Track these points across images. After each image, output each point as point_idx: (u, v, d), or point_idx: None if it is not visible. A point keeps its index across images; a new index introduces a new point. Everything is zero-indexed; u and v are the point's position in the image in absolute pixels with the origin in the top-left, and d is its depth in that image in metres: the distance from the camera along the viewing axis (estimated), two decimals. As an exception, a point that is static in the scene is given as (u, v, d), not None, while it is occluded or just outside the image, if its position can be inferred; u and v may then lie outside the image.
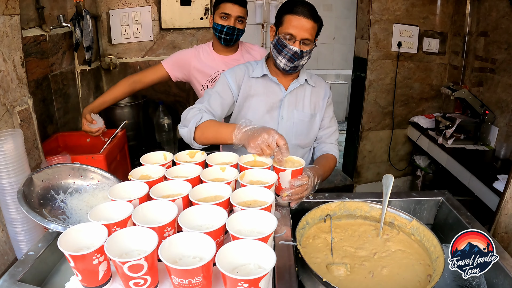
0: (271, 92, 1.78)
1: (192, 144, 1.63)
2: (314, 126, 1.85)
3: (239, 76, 1.77)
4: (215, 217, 1.01)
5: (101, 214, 1.04)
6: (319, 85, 1.88)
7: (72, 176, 1.43)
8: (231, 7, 2.14)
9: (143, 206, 1.06)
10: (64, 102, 2.41)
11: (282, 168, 1.34)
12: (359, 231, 1.38)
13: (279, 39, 1.64)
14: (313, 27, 1.61)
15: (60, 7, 2.38)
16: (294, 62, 1.65)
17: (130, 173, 1.30)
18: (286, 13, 1.62)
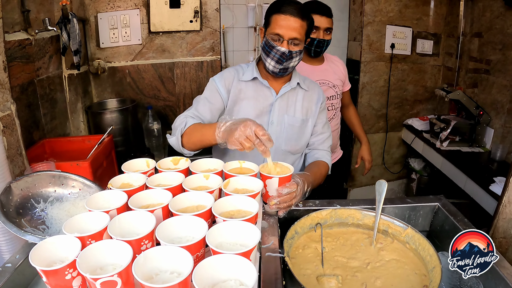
0: (261, 96, 1.71)
1: (182, 152, 1.59)
2: (306, 131, 1.78)
3: (228, 80, 1.72)
4: (196, 228, 0.96)
5: (77, 226, 0.99)
6: (312, 89, 1.82)
7: (53, 185, 1.37)
8: (319, 19, 2.11)
9: (120, 217, 1.00)
10: (51, 107, 2.34)
11: (269, 175, 1.28)
12: (352, 240, 1.32)
13: (266, 40, 1.59)
14: (302, 25, 1.54)
15: (47, 10, 2.32)
16: (283, 63, 1.58)
17: (110, 181, 1.26)
18: (273, 13, 1.56)
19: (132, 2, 2.80)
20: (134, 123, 2.77)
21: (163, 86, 3.00)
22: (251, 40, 4.89)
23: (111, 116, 2.64)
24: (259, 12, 4.66)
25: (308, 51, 2.21)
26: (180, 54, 2.97)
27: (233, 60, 4.88)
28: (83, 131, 2.72)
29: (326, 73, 2.31)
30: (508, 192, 1.73)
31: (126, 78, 2.93)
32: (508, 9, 2.73)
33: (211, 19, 2.95)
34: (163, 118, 3.03)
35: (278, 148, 1.72)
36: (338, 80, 2.37)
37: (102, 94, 2.94)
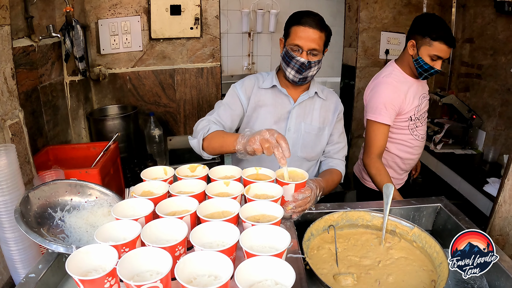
0: (280, 103, 1.79)
1: (201, 154, 1.65)
2: (322, 140, 1.84)
3: (249, 87, 1.79)
4: (226, 233, 1.01)
5: (108, 234, 1.01)
6: (330, 99, 1.88)
7: (69, 193, 1.39)
8: (446, 50, 1.91)
9: (151, 225, 1.04)
10: (54, 114, 2.35)
11: (286, 181, 1.33)
12: (362, 240, 1.39)
13: (287, 51, 1.66)
14: (320, 37, 1.62)
15: (49, 16, 2.34)
16: (303, 73, 1.66)
17: (132, 189, 1.29)
18: (293, 24, 1.64)
19: (133, 8, 2.84)
20: (136, 130, 2.80)
21: (163, 93, 3.04)
22: (246, 45, 4.95)
23: (113, 123, 2.67)
24: (253, 18, 4.73)
25: (419, 75, 2.02)
26: (181, 60, 3.01)
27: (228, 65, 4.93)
28: (84, 138, 2.73)
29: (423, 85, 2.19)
30: (503, 192, 1.82)
31: (127, 85, 2.96)
32: (499, 16, 2.82)
33: (211, 26, 3.00)
34: (164, 124, 3.07)
35: (294, 154, 1.78)
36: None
37: (103, 100, 2.96)
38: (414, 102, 2.06)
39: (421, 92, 2.12)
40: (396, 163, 2.23)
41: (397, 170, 2.26)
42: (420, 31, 1.92)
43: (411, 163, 2.27)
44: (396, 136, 2.14)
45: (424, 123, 2.20)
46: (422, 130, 2.19)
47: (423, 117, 2.17)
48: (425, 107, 2.16)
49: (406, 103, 2.03)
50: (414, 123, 2.13)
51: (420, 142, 2.21)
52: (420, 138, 2.19)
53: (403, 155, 2.20)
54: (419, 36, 1.93)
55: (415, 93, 2.07)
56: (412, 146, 2.19)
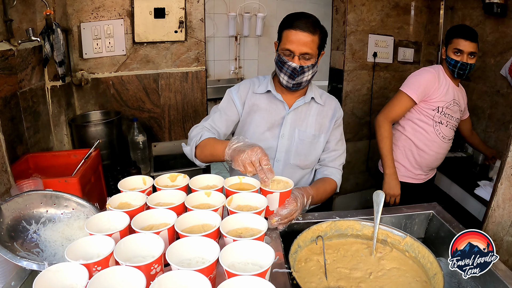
0: (274, 109, 1.73)
1: (195, 162, 1.62)
2: (317, 147, 1.78)
3: (244, 92, 1.74)
4: (206, 249, 0.94)
5: (80, 252, 0.95)
6: (329, 104, 1.81)
7: (45, 204, 1.31)
8: (464, 43, 2.23)
9: (125, 241, 0.97)
10: (34, 120, 2.28)
11: (270, 190, 1.27)
12: (352, 250, 1.33)
13: (279, 56, 1.61)
14: (313, 40, 1.55)
15: (30, 20, 2.27)
16: (295, 78, 1.60)
17: (108, 201, 1.22)
18: (284, 28, 1.58)
19: (116, 12, 2.76)
20: (119, 136, 2.73)
21: (147, 98, 2.96)
22: (232, 49, 4.91)
23: (96, 129, 2.59)
24: (240, 22, 4.69)
25: (452, 72, 2.34)
26: (165, 65, 2.94)
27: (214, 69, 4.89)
28: (66, 145, 2.65)
29: (461, 94, 2.47)
30: (496, 197, 1.78)
31: (110, 90, 2.88)
32: (487, 18, 2.81)
33: (196, 29, 2.93)
34: (148, 130, 2.99)
35: (287, 162, 1.73)
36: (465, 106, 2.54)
37: (85, 106, 2.88)
38: (447, 97, 2.33)
39: (456, 96, 2.38)
40: (412, 151, 2.45)
41: (411, 160, 2.47)
42: (447, 37, 2.33)
43: (426, 158, 2.43)
44: (419, 123, 2.40)
45: (450, 126, 2.40)
46: (446, 130, 2.39)
47: (451, 120, 2.38)
48: (454, 113, 2.38)
49: (439, 93, 2.31)
50: (440, 118, 2.35)
51: (439, 140, 2.40)
52: (441, 136, 2.39)
53: (419, 144, 2.42)
54: (447, 42, 2.32)
55: (449, 90, 2.34)
56: (430, 139, 2.39)
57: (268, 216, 1.30)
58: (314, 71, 1.64)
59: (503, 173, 1.80)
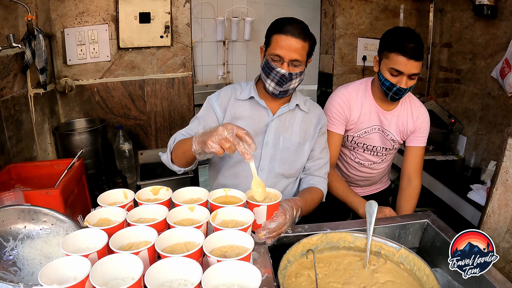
0: (257, 116, 1.66)
1: (172, 168, 1.54)
2: (302, 155, 1.71)
3: (225, 98, 1.67)
4: (188, 271, 0.88)
5: (54, 275, 0.88)
6: (313, 112, 1.75)
7: (23, 220, 1.25)
8: (404, 62, 1.68)
9: (102, 262, 0.90)
10: (17, 129, 2.21)
11: (257, 203, 1.21)
12: (344, 263, 1.27)
13: (267, 61, 1.54)
14: (303, 47, 1.49)
15: (11, 25, 2.21)
16: (283, 85, 1.54)
17: (86, 218, 1.14)
18: (274, 32, 1.51)
19: (100, 17, 2.70)
20: (104, 144, 2.65)
21: (133, 105, 2.89)
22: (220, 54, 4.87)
23: (80, 138, 2.51)
24: (228, 26, 4.65)
25: (385, 94, 1.82)
26: (151, 70, 2.87)
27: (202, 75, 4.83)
28: (50, 154, 2.58)
29: (395, 119, 1.95)
30: (491, 202, 1.75)
31: (95, 97, 2.80)
32: (477, 20, 2.79)
33: (182, 34, 2.87)
34: (134, 138, 2.92)
35: (272, 170, 1.67)
36: (400, 133, 1.99)
37: (70, 113, 2.80)
38: (361, 124, 1.95)
39: (381, 122, 1.95)
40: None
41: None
42: (382, 45, 1.79)
43: (346, 176, 2.17)
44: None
45: (371, 153, 2.04)
46: (364, 157, 2.06)
47: (368, 149, 2.02)
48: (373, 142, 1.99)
49: (352, 118, 1.94)
50: (352, 145, 2.03)
51: (355, 164, 2.09)
52: (357, 162, 2.08)
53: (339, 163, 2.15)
54: (382, 51, 1.78)
55: (370, 115, 1.94)
56: (346, 160, 2.12)
57: (256, 230, 1.24)
58: (301, 79, 1.59)
59: (498, 178, 1.76)
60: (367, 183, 2.18)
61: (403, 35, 1.69)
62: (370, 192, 2.23)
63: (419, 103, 1.99)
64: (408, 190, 1.94)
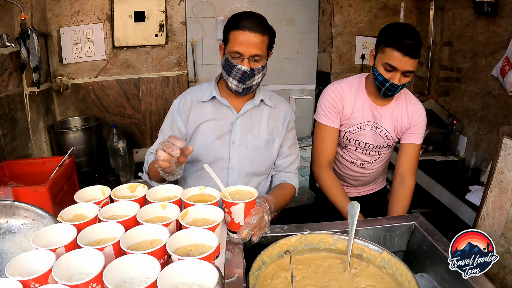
0: (222, 116, 1.62)
1: (154, 185, 1.54)
2: (272, 152, 1.68)
3: (187, 104, 1.64)
4: (150, 267, 0.86)
5: (21, 267, 0.88)
6: (279, 107, 1.71)
7: (5, 215, 1.24)
8: (400, 58, 1.62)
9: (67, 257, 0.90)
10: (11, 127, 2.22)
11: (234, 201, 1.17)
12: (324, 266, 1.23)
13: (226, 59, 1.50)
14: (262, 41, 1.45)
15: (6, 25, 2.22)
16: (246, 82, 1.50)
17: (60, 213, 1.14)
18: (231, 29, 1.47)
19: (95, 16, 2.70)
20: (99, 142, 2.65)
21: (128, 103, 2.88)
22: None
23: (74, 136, 2.52)
24: (229, 25, 4.62)
25: (378, 90, 1.78)
26: (146, 69, 2.87)
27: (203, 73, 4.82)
28: (45, 151, 2.59)
29: (389, 114, 1.90)
30: (486, 205, 1.69)
31: (90, 95, 2.81)
32: (477, 17, 2.73)
33: (177, 33, 2.85)
34: (129, 136, 2.91)
35: (242, 169, 1.63)
36: (394, 129, 1.94)
37: (66, 112, 2.81)
38: (353, 120, 1.90)
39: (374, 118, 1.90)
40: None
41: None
42: (379, 39, 1.74)
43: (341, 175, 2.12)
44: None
45: (363, 151, 1.98)
46: (356, 156, 2.00)
47: (360, 146, 1.96)
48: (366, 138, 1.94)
49: (345, 113, 1.89)
50: (344, 142, 1.98)
51: (347, 163, 2.04)
52: (349, 160, 2.03)
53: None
54: (378, 45, 1.74)
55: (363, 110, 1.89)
56: (339, 159, 2.07)
57: (238, 230, 1.21)
58: (264, 73, 1.55)
59: (492, 179, 1.71)
60: (360, 183, 2.13)
61: (401, 31, 1.64)
62: (364, 193, 2.18)
63: (415, 99, 1.93)
64: (401, 190, 1.87)
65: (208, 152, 1.61)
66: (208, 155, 1.61)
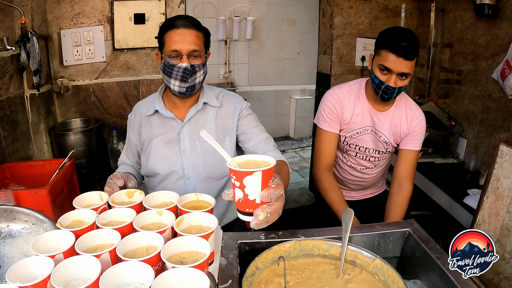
0: (168, 127, 1.63)
1: None
2: (229, 151, 1.58)
3: (137, 119, 1.69)
4: (144, 274, 0.87)
5: (20, 273, 0.90)
6: (227, 103, 1.67)
7: (6, 219, 1.27)
8: (393, 59, 1.63)
9: (65, 263, 0.91)
10: (12, 129, 2.25)
11: (248, 170, 0.89)
12: (318, 271, 1.24)
13: (165, 61, 1.48)
14: (198, 36, 1.47)
15: (7, 28, 2.24)
16: (188, 80, 1.47)
17: (59, 219, 1.16)
18: (165, 31, 1.48)
19: (95, 18, 2.72)
20: (99, 144, 2.68)
21: (128, 105, 2.91)
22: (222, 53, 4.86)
23: (75, 137, 2.55)
24: (230, 25, 4.63)
25: (375, 93, 1.78)
26: (145, 71, 2.89)
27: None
28: (46, 153, 2.61)
29: (388, 120, 1.90)
30: (482, 211, 1.70)
31: (91, 97, 2.83)
32: (478, 20, 2.73)
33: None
34: (130, 138, 2.93)
35: (198, 176, 1.63)
36: (393, 135, 1.93)
37: (67, 113, 2.83)
38: (353, 125, 1.91)
39: (373, 123, 1.91)
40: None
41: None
42: (376, 42, 1.76)
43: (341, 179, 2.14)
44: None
45: (363, 157, 2.00)
46: (356, 161, 2.02)
47: (361, 152, 1.98)
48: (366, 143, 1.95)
49: (344, 118, 1.91)
50: (344, 147, 2.00)
51: (347, 167, 2.06)
52: (349, 165, 2.05)
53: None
54: (375, 48, 1.76)
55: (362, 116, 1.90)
56: (339, 164, 2.09)
57: (253, 211, 0.93)
58: (205, 71, 1.54)
59: (489, 185, 1.72)
60: (360, 188, 2.15)
61: (396, 33, 1.65)
62: (364, 197, 2.19)
63: (414, 105, 1.93)
64: (398, 195, 1.88)
65: (162, 164, 1.62)
66: (163, 167, 1.63)
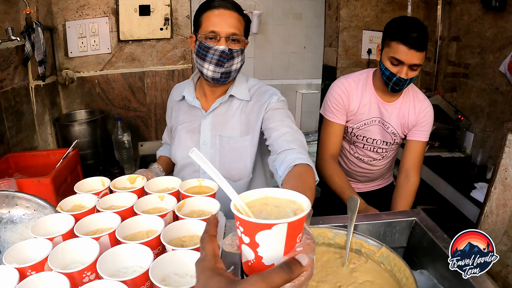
0: (192, 116, 1.55)
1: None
2: (243, 152, 1.50)
3: (171, 103, 1.66)
4: (143, 257, 0.87)
5: (17, 255, 0.90)
6: (259, 97, 1.50)
7: (7, 205, 1.28)
8: (405, 51, 1.61)
9: (63, 246, 0.91)
10: (17, 120, 2.24)
11: (264, 222, 0.53)
12: (322, 260, 1.22)
13: (200, 43, 1.35)
14: (239, 19, 1.34)
15: (12, 19, 2.23)
16: (224, 64, 1.34)
17: (60, 203, 1.16)
18: (203, 11, 1.36)
19: (101, 9, 2.71)
20: (103, 135, 2.67)
21: (133, 96, 2.90)
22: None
23: (79, 128, 2.54)
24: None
25: (385, 85, 1.76)
26: (151, 63, 2.87)
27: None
28: (51, 144, 2.62)
29: (396, 111, 1.88)
30: (489, 202, 1.68)
31: (96, 89, 2.82)
32: (485, 12, 2.69)
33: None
34: (134, 129, 2.93)
35: None
36: (401, 126, 1.93)
37: (71, 105, 2.83)
38: (360, 116, 1.90)
39: (381, 114, 1.89)
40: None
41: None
42: (385, 33, 1.73)
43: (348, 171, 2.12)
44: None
45: (370, 148, 1.98)
46: (364, 152, 2.00)
47: (368, 143, 1.96)
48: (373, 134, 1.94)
49: (351, 109, 1.89)
50: (352, 138, 1.99)
51: (355, 159, 2.05)
52: (356, 157, 2.04)
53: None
54: (384, 39, 1.73)
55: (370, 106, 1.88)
56: (346, 155, 2.08)
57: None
58: (243, 59, 1.41)
59: (497, 176, 1.69)
60: (367, 179, 2.13)
61: (406, 24, 1.63)
62: (371, 188, 2.18)
63: (422, 96, 1.92)
64: (405, 187, 1.86)
65: (182, 153, 1.57)
66: (182, 155, 1.58)
